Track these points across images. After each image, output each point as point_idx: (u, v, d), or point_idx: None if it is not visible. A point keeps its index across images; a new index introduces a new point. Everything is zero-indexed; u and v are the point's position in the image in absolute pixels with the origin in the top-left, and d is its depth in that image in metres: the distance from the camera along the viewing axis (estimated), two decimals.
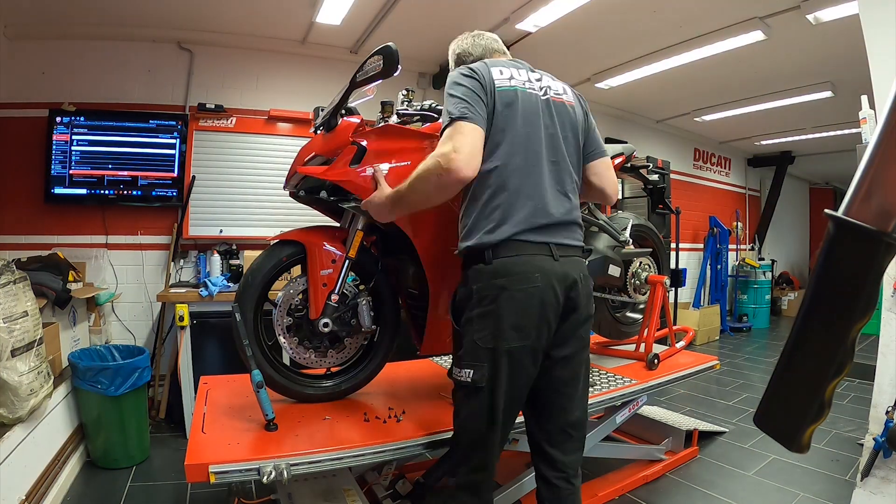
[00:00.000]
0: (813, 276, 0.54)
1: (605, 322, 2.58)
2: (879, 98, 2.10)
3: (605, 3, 3.30)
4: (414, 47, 4.11)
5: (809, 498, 2.27)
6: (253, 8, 3.39)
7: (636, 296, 2.55)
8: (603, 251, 2.33)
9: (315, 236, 1.76)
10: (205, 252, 3.58)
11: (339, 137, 1.69)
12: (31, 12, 3.21)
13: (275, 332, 1.78)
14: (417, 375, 2.30)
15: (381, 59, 1.53)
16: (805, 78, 4.58)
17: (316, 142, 1.74)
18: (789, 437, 0.57)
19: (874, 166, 0.50)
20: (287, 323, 1.78)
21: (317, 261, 1.72)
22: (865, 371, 2.12)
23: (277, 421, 1.67)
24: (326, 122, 1.71)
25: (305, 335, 1.80)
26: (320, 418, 1.73)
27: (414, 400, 1.95)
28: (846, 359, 0.53)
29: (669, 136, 6.59)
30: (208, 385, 2.05)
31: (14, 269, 2.07)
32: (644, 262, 2.58)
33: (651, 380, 2.30)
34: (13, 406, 1.91)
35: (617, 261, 2.37)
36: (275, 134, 3.84)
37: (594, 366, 2.44)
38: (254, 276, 1.75)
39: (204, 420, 1.67)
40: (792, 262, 9.00)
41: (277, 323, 1.77)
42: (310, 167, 1.71)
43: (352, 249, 1.75)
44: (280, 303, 1.77)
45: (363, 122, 1.76)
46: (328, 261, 1.72)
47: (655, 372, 2.39)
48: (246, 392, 1.91)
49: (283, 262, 1.77)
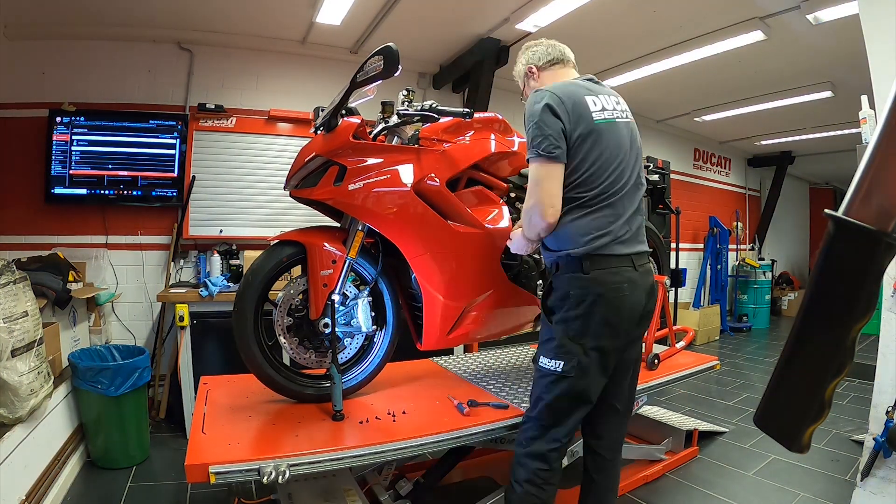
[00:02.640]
0: (813, 276, 0.54)
1: None
2: (879, 98, 2.10)
3: (605, 3, 3.30)
4: (414, 47, 4.11)
5: (809, 498, 2.27)
6: (253, 8, 3.39)
7: None
8: None
9: (315, 237, 1.77)
10: (205, 252, 3.57)
11: (340, 138, 1.70)
12: (32, 12, 3.21)
13: (275, 331, 1.78)
14: (417, 376, 2.30)
15: (381, 59, 1.54)
16: (805, 78, 4.58)
17: (316, 142, 1.75)
18: (789, 437, 0.57)
19: (874, 166, 0.50)
20: (287, 323, 1.78)
21: (317, 261, 1.73)
22: (865, 371, 2.12)
23: (276, 421, 1.67)
24: (327, 122, 1.71)
25: (306, 335, 1.80)
26: (320, 418, 1.73)
27: (414, 400, 1.95)
28: (846, 359, 0.53)
29: (669, 136, 6.60)
30: (208, 385, 2.05)
31: (14, 270, 2.07)
32: None
33: (651, 380, 2.30)
34: (13, 406, 1.91)
35: None
36: (275, 134, 3.84)
37: None
38: (254, 277, 1.75)
39: (204, 420, 1.67)
40: (792, 262, 9.00)
41: (278, 323, 1.77)
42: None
43: (352, 250, 1.76)
44: (280, 303, 1.77)
45: (363, 123, 1.76)
46: (328, 261, 1.73)
47: (656, 372, 2.39)
48: (246, 392, 1.91)
49: (283, 262, 1.77)
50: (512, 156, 2.01)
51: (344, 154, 1.69)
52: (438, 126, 1.88)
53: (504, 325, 2.08)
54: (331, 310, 1.71)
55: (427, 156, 1.80)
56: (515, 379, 2.26)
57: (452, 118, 1.83)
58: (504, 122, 2.05)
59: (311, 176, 1.74)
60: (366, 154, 1.72)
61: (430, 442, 1.65)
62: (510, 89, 5.04)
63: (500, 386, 2.15)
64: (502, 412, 1.83)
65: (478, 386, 2.15)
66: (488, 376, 2.30)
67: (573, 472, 2.44)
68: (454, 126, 1.89)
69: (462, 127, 1.91)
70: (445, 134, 1.89)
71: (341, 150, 1.69)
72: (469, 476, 2.43)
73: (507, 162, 2.02)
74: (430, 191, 1.76)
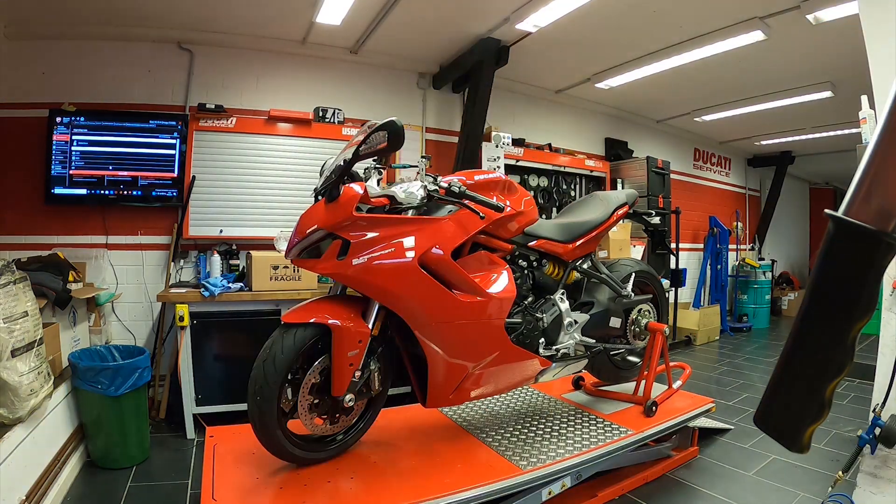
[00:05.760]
0: (813, 276, 0.54)
1: (605, 368, 2.59)
2: (879, 98, 2.10)
3: (606, 3, 3.30)
4: (414, 47, 4.11)
5: (809, 498, 2.27)
6: (253, 8, 3.40)
7: (635, 342, 2.55)
8: (605, 303, 2.35)
9: (338, 314, 1.71)
10: (205, 252, 3.57)
11: (343, 212, 1.65)
12: (32, 12, 3.21)
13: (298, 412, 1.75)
14: (414, 424, 2.34)
15: (385, 134, 1.54)
16: (805, 78, 4.59)
17: (318, 214, 1.69)
18: (789, 437, 0.57)
19: (874, 166, 0.50)
20: (310, 401, 1.76)
21: (345, 343, 1.68)
22: (865, 371, 2.13)
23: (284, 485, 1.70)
24: (329, 191, 1.68)
25: (326, 410, 1.80)
26: (325, 480, 1.76)
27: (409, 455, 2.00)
28: (846, 359, 0.53)
29: (669, 136, 6.60)
30: (214, 439, 2.07)
31: (14, 270, 2.07)
32: (644, 309, 2.57)
33: (647, 428, 2.31)
34: (13, 406, 1.91)
35: (618, 312, 2.39)
36: (275, 134, 3.84)
37: (590, 411, 2.47)
38: (274, 367, 1.65)
39: (213, 486, 1.68)
40: (792, 262, 9.00)
41: (301, 405, 1.74)
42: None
43: (375, 329, 1.76)
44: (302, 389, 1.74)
45: (366, 192, 1.71)
46: (355, 342, 1.70)
47: (653, 419, 2.39)
48: (252, 448, 1.91)
49: (306, 345, 1.69)
50: (517, 216, 2.01)
51: (347, 228, 1.66)
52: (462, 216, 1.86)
53: (506, 383, 2.10)
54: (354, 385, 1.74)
55: (432, 226, 1.77)
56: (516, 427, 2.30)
57: None
58: (508, 182, 2.04)
59: (312, 248, 1.71)
60: (369, 228, 1.68)
61: None
62: (510, 89, 5.05)
63: (500, 437, 2.17)
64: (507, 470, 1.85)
65: (478, 438, 2.16)
66: (487, 424, 2.33)
67: None
68: None
69: None
70: None
71: (344, 225, 1.65)
72: None
73: (511, 223, 2.02)
74: (434, 261, 1.74)
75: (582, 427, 2.30)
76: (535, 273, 2.16)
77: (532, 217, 2.09)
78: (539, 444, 2.10)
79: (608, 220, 2.35)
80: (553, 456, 1.98)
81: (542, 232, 2.14)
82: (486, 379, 1.97)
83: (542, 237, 2.14)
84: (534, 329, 2.07)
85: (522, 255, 2.12)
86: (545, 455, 1.98)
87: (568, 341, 2.19)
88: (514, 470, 1.86)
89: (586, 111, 5.64)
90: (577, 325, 2.22)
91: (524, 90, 5.04)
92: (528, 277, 2.15)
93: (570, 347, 2.20)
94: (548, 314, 2.13)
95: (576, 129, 5.58)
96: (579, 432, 2.23)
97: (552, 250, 2.16)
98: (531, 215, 2.08)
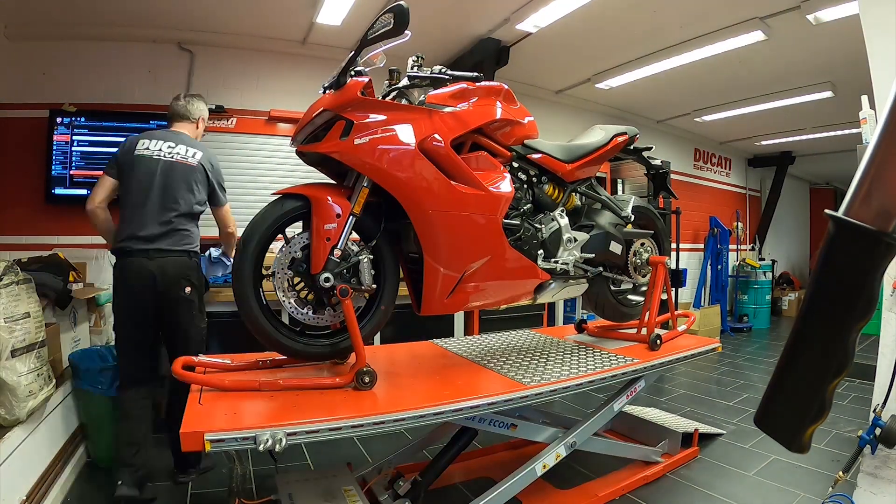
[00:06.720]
0: (813, 277, 0.54)
1: (608, 304, 2.55)
2: (879, 98, 2.10)
3: (606, 3, 3.31)
4: (414, 47, 4.10)
5: (810, 498, 2.27)
6: (253, 8, 3.40)
7: (637, 276, 2.53)
8: (605, 227, 2.33)
9: (320, 191, 1.76)
10: (205, 252, 3.57)
11: (348, 93, 1.71)
12: (32, 13, 3.21)
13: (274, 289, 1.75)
14: (418, 354, 2.32)
15: (391, 17, 1.56)
16: (805, 78, 4.59)
17: (324, 98, 1.76)
18: (790, 437, 0.57)
19: (874, 166, 0.50)
20: (288, 276, 1.75)
21: (322, 214, 1.71)
22: (865, 371, 2.12)
23: (275, 395, 1.64)
24: (336, 81, 1.73)
25: (307, 294, 1.78)
26: (319, 394, 1.70)
27: (412, 376, 1.96)
28: (846, 359, 0.53)
29: (669, 136, 6.60)
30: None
31: (18, 271, 2.07)
32: (646, 244, 2.57)
33: (654, 359, 2.28)
34: (11, 407, 1.90)
35: (619, 238, 2.37)
36: (275, 134, 3.84)
37: (595, 347, 2.45)
38: (255, 230, 1.73)
39: (201, 393, 1.64)
40: (792, 262, 9.00)
41: (277, 277, 1.74)
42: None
43: (356, 206, 1.75)
44: (281, 257, 1.75)
45: (371, 83, 1.77)
46: (333, 215, 1.72)
47: (658, 352, 2.37)
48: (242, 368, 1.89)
49: (286, 214, 1.76)
50: (515, 124, 2.02)
51: (351, 109, 1.71)
52: (445, 93, 1.90)
53: (503, 293, 2.07)
54: (332, 264, 1.70)
55: (433, 115, 1.82)
56: (518, 356, 2.27)
57: (458, 87, 1.88)
58: (509, 92, 2.05)
59: (317, 132, 1.75)
60: (372, 110, 1.73)
61: (432, 413, 1.63)
62: (510, 89, 5.05)
63: (503, 363, 2.15)
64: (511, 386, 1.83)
65: (480, 364, 2.14)
66: (490, 355, 2.30)
67: (571, 473, 2.45)
68: (460, 93, 1.92)
69: (467, 94, 1.93)
70: (451, 100, 1.90)
71: (349, 105, 1.70)
72: (468, 477, 2.43)
73: (510, 130, 2.02)
74: (434, 150, 1.78)
75: (587, 357, 2.27)
76: (535, 190, 2.16)
77: (532, 131, 2.10)
78: (543, 367, 2.08)
79: (608, 145, 2.35)
80: (557, 376, 1.96)
81: (542, 147, 2.16)
82: (483, 285, 1.94)
83: (542, 152, 2.16)
84: (532, 237, 2.06)
85: (522, 168, 2.12)
86: (549, 375, 1.97)
87: (567, 257, 2.17)
88: (518, 386, 1.83)
89: (586, 111, 5.64)
90: (577, 243, 2.21)
91: (524, 90, 5.03)
92: (528, 193, 2.15)
93: (569, 264, 2.18)
94: (547, 227, 2.13)
95: (576, 129, 5.57)
96: (584, 360, 2.21)
97: (552, 167, 2.17)
98: (531, 129, 2.09)
